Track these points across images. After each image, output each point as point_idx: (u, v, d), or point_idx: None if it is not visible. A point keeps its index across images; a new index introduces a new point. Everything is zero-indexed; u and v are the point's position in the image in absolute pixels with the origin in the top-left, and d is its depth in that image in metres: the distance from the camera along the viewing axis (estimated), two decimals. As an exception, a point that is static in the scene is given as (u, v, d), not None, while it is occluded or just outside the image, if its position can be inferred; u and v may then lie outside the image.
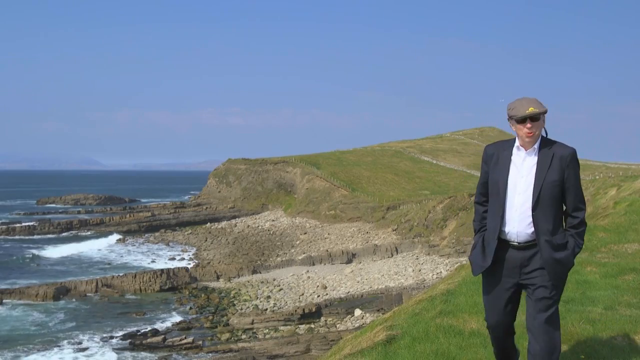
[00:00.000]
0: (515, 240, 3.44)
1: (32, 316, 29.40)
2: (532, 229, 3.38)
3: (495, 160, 3.52)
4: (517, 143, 3.46)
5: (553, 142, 3.42)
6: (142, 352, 24.05)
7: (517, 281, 3.49)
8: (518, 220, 3.41)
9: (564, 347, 4.46)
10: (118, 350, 24.33)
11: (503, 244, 3.49)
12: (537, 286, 3.40)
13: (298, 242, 50.95)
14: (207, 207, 73.53)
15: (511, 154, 3.47)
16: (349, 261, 41.12)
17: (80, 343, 25.10)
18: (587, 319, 4.97)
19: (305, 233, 53.97)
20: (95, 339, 25.76)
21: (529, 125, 3.31)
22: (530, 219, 3.38)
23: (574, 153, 3.37)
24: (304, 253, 45.73)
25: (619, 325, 4.76)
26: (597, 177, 53.19)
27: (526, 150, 3.42)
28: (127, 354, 23.96)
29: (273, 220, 62.59)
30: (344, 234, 51.02)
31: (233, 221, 65.21)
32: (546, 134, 3.45)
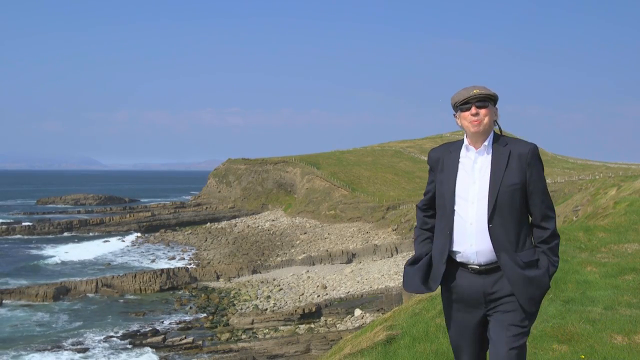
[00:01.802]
0: (475, 263, 2.75)
1: (32, 316, 29.39)
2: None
3: (441, 167, 2.88)
4: (465, 142, 2.85)
5: (508, 139, 2.82)
6: (142, 352, 24.05)
7: (484, 313, 2.81)
8: (476, 237, 2.73)
9: (564, 347, 4.46)
10: (118, 350, 24.33)
11: (458, 267, 2.81)
12: (507, 311, 2.74)
13: (298, 242, 50.95)
14: (207, 207, 73.53)
15: (459, 157, 2.84)
16: (349, 261, 41.12)
17: (80, 343, 25.09)
18: (587, 319, 4.97)
19: (305, 233, 53.97)
20: (95, 339, 25.76)
21: (473, 110, 2.73)
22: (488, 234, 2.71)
23: (534, 149, 2.75)
24: (304, 253, 45.72)
25: (619, 325, 4.76)
26: (597, 177, 53.21)
27: (476, 148, 2.79)
28: (127, 353, 23.96)
29: (273, 220, 62.60)
30: (344, 234, 51.02)
31: (233, 221, 65.21)
32: (500, 131, 2.87)
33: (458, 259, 2.80)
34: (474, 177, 2.77)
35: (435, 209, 2.94)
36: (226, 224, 64.04)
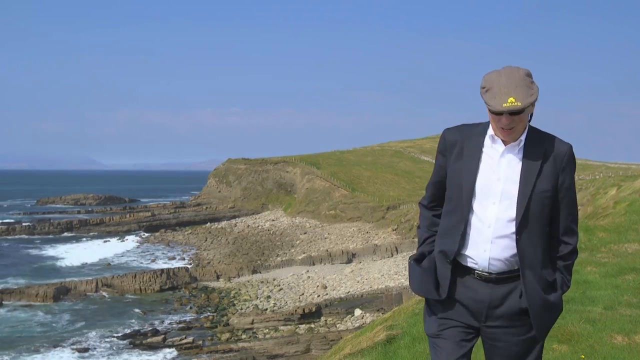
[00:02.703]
0: (485, 270, 2.38)
1: (32, 316, 29.40)
2: (512, 255, 2.35)
3: (459, 152, 2.41)
4: (490, 131, 2.37)
5: (541, 133, 2.39)
6: (142, 352, 24.06)
7: (478, 327, 2.44)
8: (491, 241, 2.35)
9: (564, 347, 4.46)
10: (118, 350, 24.34)
11: (462, 271, 2.44)
12: (516, 336, 2.39)
13: (298, 242, 50.95)
14: (207, 207, 73.54)
15: (482, 145, 2.38)
16: (349, 261, 41.12)
17: (80, 343, 25.10)
18: (587, 318, 4.97)
19: (305, 233, 53.97)
20: (95, 338, 25.77)
21: (504, 121, 2.23)
22: (510, 242, 2.34)
23: (572, 151, 2.36)
24: (304, 253, 45.73)
25: (619, 325, 4.76)
26: (597, 177, 53.22)
27: (506, 144, 2.35)
28: (127, 353, 23.97)
29: (273, 220, 62.60)
30: (344, 233, 51.01)
31: (233, 221, 65.21)
32: (530, 118, 2.36)
33: (465, 263, 2.42)
34: (499, 173, 2.34)
35: (442, 204, 2.52)
36: (226, 224, 64.05)
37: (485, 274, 2.39)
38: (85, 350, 24.27)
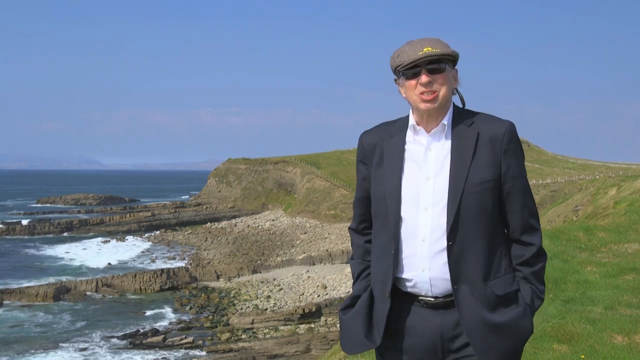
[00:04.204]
0: (429, 294, 1.91)
1: (32, 316, 29.40)
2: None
3: (379, 156, 2.00)
4: (411, 120, 1.97)
5: (474, 114, 1.96)
6: (142, 352, 24.06)
7: None
8: (430, 258, 1.89)
9: (564, 347, 4.46)
10: (118, 350, 24.35)
11: (406, 300, 1.96)
12: None
13: (298, 242, 50.97)
14: (207, 207, 73.57)
15: (404, 142, 1.97)
16: (349, 261, 41.12)
17: (80, 343, 25.11)
18: (587, 318, 4.96)
19: (305, 233, 53.99)
20: (95, 338, 25.78)
21: (424, 78, 1.84)
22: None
23: (512, 129, 1.89)
24: (304, 253, 45.75)
25: (619, 325, 4.76)
26: (597, 177, 53.22)
27: (429, 131, 1.93)
28: (127, 353, 23.97)
29: (273, 220, 62.62)
30: (344, 233, 51.02)
31: (233, 221, 65.23)
32: (463, 104, 2.00)
33: (405, 290, 1.95)
34: (427, 171, 1.91)
35: (372, 222, 2.06)
36: (226, 223, 64.07)
37: (430, 299, 1.91)
38: (85, 350, 24.28)
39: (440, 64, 1.85)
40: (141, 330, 26.82)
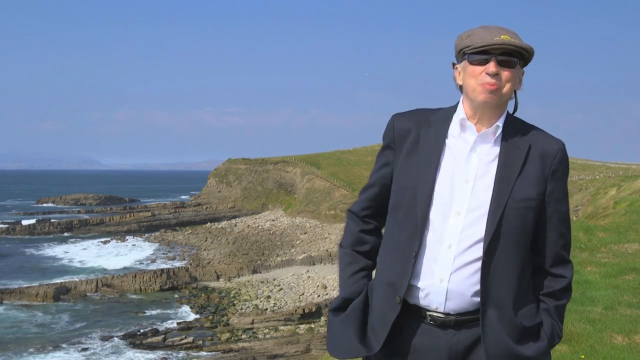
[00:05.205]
0: (441, 309, 1.69)
1: (32, 316, 29.39)
2: (479, 290, 1.68)
3: (413, 144, 1.77)
4: (459, 113, 1.75)
5: (526, 125, 1.77)
6: (142, 352, 24.07)
7: None
8: (452, 268, 1.67)
9: (564, 347, 4.46)
10: (118, 350, 24.35)
11: (410, 312, 1.73)
12: None
13: (298, 242, 50.98)
14: (207, 207, 73.58)
15: (446, 135, 1.75)
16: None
17: (80, 343, 25.11)
18: (587, 318, 4.96)
19: (305, 233, 54.00)
20: (95, 338, 25.78)
21: (492, 67, 1.64)
22: (478, 269, 1.66)
23: (565, 151, 1.75)
24: (304, 253, 45.75)
25: (619, 325, 4.76)
26: (597, 177, 53.23)
27: (479, 130, 1.72)
28: (127, 353, 23.97)
29: (273, 220, 62.63)
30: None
31: (233, 221, 65.23)
32: (515, 109, 1.79)
33: (413, 301, 1.72)
34: (467, 173, 1.70)
35: (382, 216, 1.84)
36: (226, 223, 64.07)
37: (441, 315, 1.69)
38: (85, 350, 24.28)
39: (513, 58, 1.66)
40: (141, 330, 26.81)
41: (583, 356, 4.23)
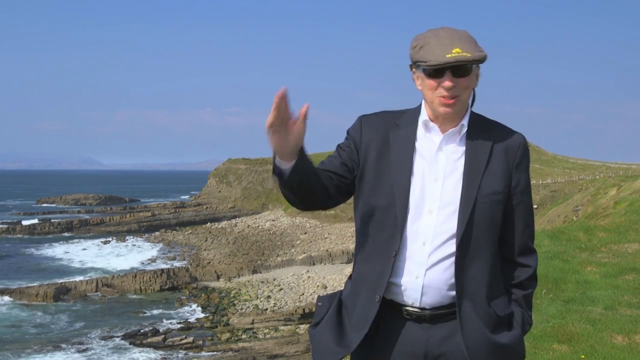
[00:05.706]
0: (417, 304, 1.75)
1: (32, 316, 29.41)
2: (453, 284, 1.74)
3: (382, 148, 1.81)
4: (423, 115, 1.80)
5: (487, 121, 1.83)
6: (142, 352, 24.07)
7: None
8: (426, 264, 1.73)
9: (564, 347, 4.46)
10: (118, 350, 24.35)
11: (387, 308, 1.78)
12: None
13: (298, 242, 51.00)
14: (207, 207, 73.60)
15: (415, 137, 1.80)
16: (349, 261, 41.13)
17: (80, 343, 25.11)
18: (587, 318, 4.96)
19: (305, 233, 54.03)
20: (95, 338, 25.78)
21: (447, 82, 1.67)
22: (451, 265, 1.73)
23: (525, 143, 1.81)
24: (304, 253, 45.76)
25: (619, 325, 4.76)
26: (597, 177, 53.23)
27: (443, 131, 1.78)
28: (127, 353, 23.98)
29: (273, 220, 62.64)
30: (344, 233, 51.06)
31: (233, 221, 65.25)
32: (472, 101, 1.81)
33: (391, 297, 1.77)
34: (436, 172, 1.76)
35: (338, 185, 1.81)
36: (226, 224, 64.09)
37: (417, 310, 1.75)
38: (86, 350, 24.29)
39: (469, 73, 1.69)
40: (141, 331, 26.82)
41: (583, 356, 4.23)
